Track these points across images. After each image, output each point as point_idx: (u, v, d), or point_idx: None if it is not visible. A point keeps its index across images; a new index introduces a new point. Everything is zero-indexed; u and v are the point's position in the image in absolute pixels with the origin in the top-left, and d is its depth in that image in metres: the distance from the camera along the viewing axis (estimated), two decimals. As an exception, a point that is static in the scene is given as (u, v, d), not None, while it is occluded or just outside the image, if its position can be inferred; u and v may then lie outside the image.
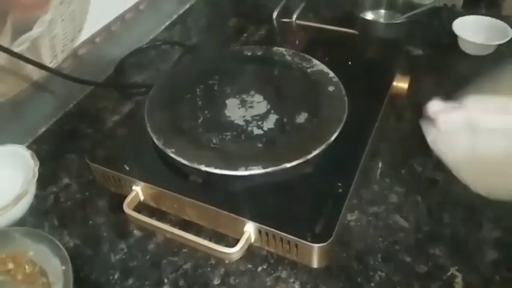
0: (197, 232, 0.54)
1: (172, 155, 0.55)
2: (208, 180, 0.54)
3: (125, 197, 0.55)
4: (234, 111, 0.62)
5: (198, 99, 0.64)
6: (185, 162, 0.54)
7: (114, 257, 0.54)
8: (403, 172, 0.60)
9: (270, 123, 0.60)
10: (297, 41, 0.77)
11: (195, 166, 0.53)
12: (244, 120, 0.60)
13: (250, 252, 0.52)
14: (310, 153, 0.53)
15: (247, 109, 0.62)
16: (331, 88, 0.63)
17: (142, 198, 0.57)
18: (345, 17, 0.83)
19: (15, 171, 0.59)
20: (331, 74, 0.65)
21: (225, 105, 0.63)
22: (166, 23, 0.94)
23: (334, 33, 0.77)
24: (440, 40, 0.82)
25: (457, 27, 0.78)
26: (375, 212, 0.56)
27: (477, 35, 0.77)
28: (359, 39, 0.76)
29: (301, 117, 0.60)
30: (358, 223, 0.55)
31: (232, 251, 0.49)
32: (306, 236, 0.48)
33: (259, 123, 0.60)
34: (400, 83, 0.67)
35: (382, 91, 0.64)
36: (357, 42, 0.76)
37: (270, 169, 0.52)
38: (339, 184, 0.52)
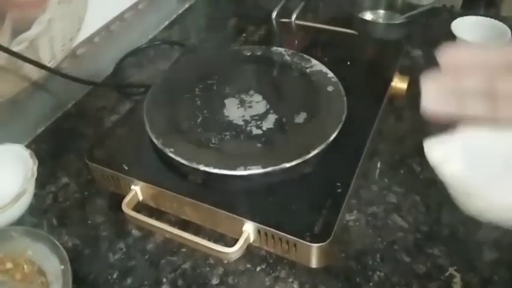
0: (196, 232, 0.54)
1: (171, 155, 0.55)
2: (207, 180, 0.54)
3: (123, 196, 0.55)
4: (233, 111, 0.62)
5: (197, 99, 0.64)
6: (184, 162, 0.54)
7: (112, 257, 0.54)
8: (402, 172, 0.60)
9: (269, 123, 0.60)
10: (296, 41, 0.76)
11: (194, 166, 0.53)
12: (243, 120, 0.60)
13: (249, 252, 0.52)
14: (309, 153, 0.53)
15: (246, 109, 0.62)
16: (330, 88, 0.63)
17: (141, 198, 0.57)
18: (344, 18, 0.84)
19: (14, 171, 0.59)
20: (330, 74, 0.65)
21: (224, 105, 0.63)
22: (166, 23, 0.94)
23: (333, 33, 0.77)
24: (439, 40, 0.81)
25: (456, 27, 0.78)
26: (373, 212, 0.56)
27: (476, 36, 0.77)
28: (358, 40, 0.76)
29: (300, 117, 0.60)
30: (357, 223, 0.55)
31: (231, 251, 0.49)
32: (304, 235, 0.48)
33: (258, 123, 0.60)
34: (399, 83, 0.67)
35: (381, 91, 0.64)
36: (356, 43, 0.75)
37: (269, 169, 0.52)
38: (337, 184, 0.52)
